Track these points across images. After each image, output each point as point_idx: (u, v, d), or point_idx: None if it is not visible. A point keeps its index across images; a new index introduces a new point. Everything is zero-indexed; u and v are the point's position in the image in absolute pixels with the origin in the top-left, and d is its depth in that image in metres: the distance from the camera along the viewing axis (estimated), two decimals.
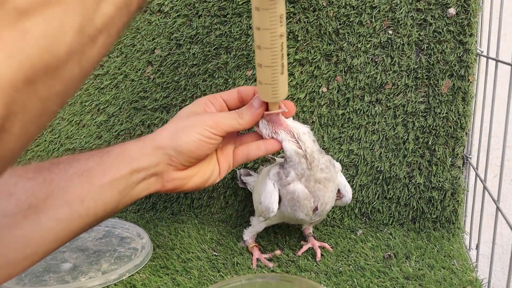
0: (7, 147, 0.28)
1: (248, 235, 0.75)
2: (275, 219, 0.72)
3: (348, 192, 0.72)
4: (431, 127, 0.79)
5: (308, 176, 0.65)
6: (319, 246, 0.74)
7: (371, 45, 0.79)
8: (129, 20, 0.35)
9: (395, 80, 0.79)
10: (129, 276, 0.69)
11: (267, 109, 0.62)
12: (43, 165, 0.52)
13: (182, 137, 0.59)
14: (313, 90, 0.82)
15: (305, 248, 0.74)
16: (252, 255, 0.72)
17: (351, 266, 0.70)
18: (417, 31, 0.77)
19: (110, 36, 0.33)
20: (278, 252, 0.74)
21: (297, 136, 0.64)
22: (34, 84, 0.28)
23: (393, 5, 0.77)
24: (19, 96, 0.27)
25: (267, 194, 0.67)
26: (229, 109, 0.66)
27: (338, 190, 0.71)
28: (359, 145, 0.82)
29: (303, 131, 0.65)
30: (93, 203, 0.52)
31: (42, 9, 0.28)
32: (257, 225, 0.74)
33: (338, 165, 0.72)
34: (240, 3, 0.82)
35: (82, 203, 0.51)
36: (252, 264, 0.71)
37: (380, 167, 0.81)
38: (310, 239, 0.75)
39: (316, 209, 0.67)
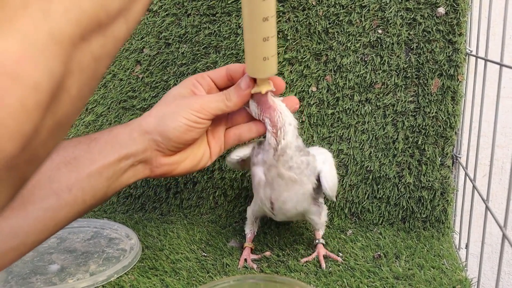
0: (64, 110, 0.27)
1: (248, 227, 0.74)
2: (261, 210, 0.70)
3: (326, 182, 0.66)
4: (420, 126, 0.79)
5: (270, 166, 0.62)
6: (324, 256, 0.71)
7: (360, 44, 0.79)
8: None
9: (385, 80, 0.79)
10: (118, 278, 0.69)
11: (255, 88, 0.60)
12: None
13: (168, 123, 0.57)
14: (302, 89, 0.82)
15: (310, 258, 0.71)
16: (241, 255, 0.72)
17: (340, 266, 0.69)
18: (406, 31, 0.77)
19: None
20: (267, 253, 0.73)
21: (281, 124, 0.61)
22: (90, 41, 0.27)
23: (383, 4, 0.77)
24: (77, 54, 0.26)
25: (241, 149, 0.67)
26: (218, 88, 0.64)
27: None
28: (349, 145, 0.82)
29: (289, 121, 0.62)
30: (81, 191, 0.52)
31: None
32: (249, 209, 0.74)
33: (323, 156, 0.68)
34: (229, 2, 0.82)
35: (69, 191, 0.51)
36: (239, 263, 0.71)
37: (370, 167, 0.81)
38: (318, 248, 0.72)
39: (272, 203, 0.65)
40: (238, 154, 0.67)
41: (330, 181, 0.67)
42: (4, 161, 0.23)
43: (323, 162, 0.67)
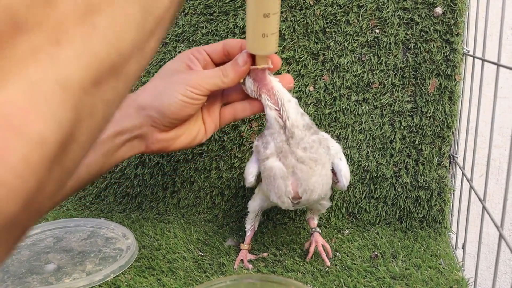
0: (73, 159, 0.25)
1: (249, 222, 0.73)
2: (267, 201, 0.69)
3: (343, 178, 0.65)
4: (418, 126, 0.79)
5: (286, 152, 0.59)
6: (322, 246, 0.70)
7: (358, 44, 0.79)
8: (177, 12, 0.32)
9: (382, 79, 0.79)
10: (114, 277, 0.68)
11: (253, 65, 0.59)
12: None
13: (164, 99, 0.57)
14: (300, 89, 0.82)
15: (311, 250, 0.70)
16: (238, 255, 0.72)
17: (337, 266, 0.69)
18: (404, 30, 0.77)
19: (164, 29, 0.31)
20: (265, 254, 0.73)
21: (280, 102, 0.59)
22: (101, 85, 0.25)
23: (380, 4, 0.77)
24: (87, 100, 0.24)
25: (248, 165, 0.66)
26: (214, 64, 0.63)
27: (335, 174, 0.66)
28: (346, 145, 0.82)
29: (288, 98, 0.60)
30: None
31: (108, 1, 0.25)
32: (252, 203, 0.72)
33: (336, 147, 0.66)
34: (226, 1, 0.82)
35: None
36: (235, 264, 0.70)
37: (367, 167, 0.81)
38: (315, 236, 0.71)
39: (298, 197, 0.61)
40: (252, 173, 0.65)
41: (347, 178, 0.66)
42: (4, 222, 0.21)
43: (336, 152, 0.65)
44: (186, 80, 0.57)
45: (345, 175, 0.65)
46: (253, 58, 0.59)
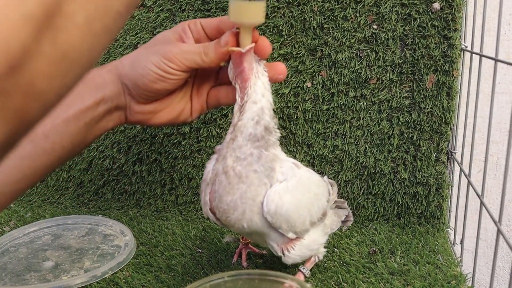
0: (69, 40, 0.24)
1: None
2: None
3: (268, 202, 0.50)
4: (415, 122, 0.79)
5: (223, 155, 0.51)
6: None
7: (355, 40, 0.79)
8: None
9: (380, 75, 0.79)
10: (112, 274, 0.68)
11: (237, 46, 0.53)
12: None
13: (138, 69, 0.53)
14: (297, 85, 0.82)
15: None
16: (236, 250, 0.71)
17: (336, 262, 0.69)
18: (401, 26, 0.77)
19: None
20: (264, 252, 0.73)
21: (245, 99, 0.50)
22: None
23: None
24: None
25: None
26: (208, 38, 0.58)
27: None
28: (344, 141, 0.81)
29: (257, 99, 0.51)
30: (59, 137, 0.50)
31: None
32: None
33: (288, 173, 0.53)
34: None
35: (46, 138, 0.49)
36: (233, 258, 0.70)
37: (365, 163, 0.81)
38: (297, 274, 0.61)
39: (214, 212, 0.52)
40: (207, 168, 0.56)
41: (276, 202, 0.50)
42: None
43: (285, 174, 0.53)
44: (163, 52, 0.53)
45: (268, 205, 0.51)
46: (238, 40, 0.53)
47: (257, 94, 0.51)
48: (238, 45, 0.52)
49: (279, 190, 0.51)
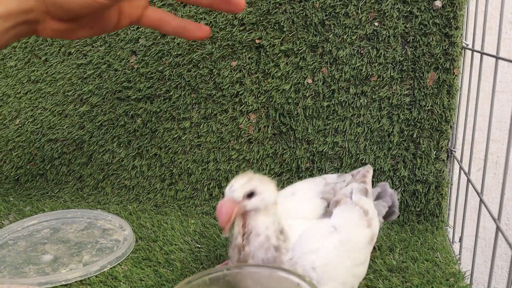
0: None
1: None
2: None
3: None
4: (416, 120, 0.79)
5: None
6: None
7: (357, 37, 0.79)
8: None
9: (381, 72, 0.79)
10: (111, 268, 0.68)
11: None
12: None
13: None
14: (298, 81, 0.81)
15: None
16: None
17: None
18: (403, 23, 0.77)
19: None
20: None
21: (251, 225, 0.50)
22: None
23: None
24: None
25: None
26: None
27: None
28: (344, 138, 0.81)
29: (259, 231, 0.50)
30: None
31: None
32: None
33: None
34: None
35: None
36: None
37: (365, 160, 0.81)
38: None
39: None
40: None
41: None
42: None
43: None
44: None
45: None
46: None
47: (260, 227, 0.50)
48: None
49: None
